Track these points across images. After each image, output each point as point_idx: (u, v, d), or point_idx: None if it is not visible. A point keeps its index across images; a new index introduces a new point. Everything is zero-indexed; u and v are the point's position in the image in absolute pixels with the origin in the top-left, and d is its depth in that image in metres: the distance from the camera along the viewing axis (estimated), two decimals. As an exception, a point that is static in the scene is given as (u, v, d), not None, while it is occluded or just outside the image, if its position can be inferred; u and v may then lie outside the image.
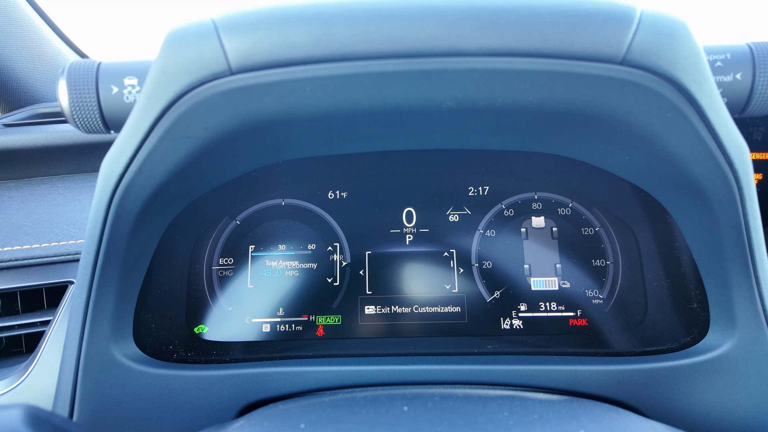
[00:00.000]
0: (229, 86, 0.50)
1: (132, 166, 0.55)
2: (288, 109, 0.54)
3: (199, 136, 0.55)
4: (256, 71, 0.49)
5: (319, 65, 0.48)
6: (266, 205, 0.93)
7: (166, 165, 0.57)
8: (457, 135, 0.68)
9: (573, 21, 0.48)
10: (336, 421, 0.45)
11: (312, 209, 0.92)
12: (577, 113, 0.56)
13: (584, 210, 0.91)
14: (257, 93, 0.51)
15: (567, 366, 0.78)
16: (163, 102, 0.51)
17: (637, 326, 0.86)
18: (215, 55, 0.48)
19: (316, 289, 0.89)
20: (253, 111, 0.53)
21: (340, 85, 0.50)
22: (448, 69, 0.49)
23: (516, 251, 0.89)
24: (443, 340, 0.86)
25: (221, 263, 0.90)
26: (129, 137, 0.54)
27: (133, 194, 0.58)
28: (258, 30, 0.48)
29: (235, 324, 0.88)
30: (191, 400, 0.75)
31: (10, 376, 0.71)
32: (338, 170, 0.93)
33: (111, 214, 0.59)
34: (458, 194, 0.91)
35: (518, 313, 0.87)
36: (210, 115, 0.53)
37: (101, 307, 0.67)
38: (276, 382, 0.78)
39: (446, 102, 0.53)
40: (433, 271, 0.89)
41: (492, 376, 0.79)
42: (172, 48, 0.50)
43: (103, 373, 0.70)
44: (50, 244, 0.81)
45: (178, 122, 0.52)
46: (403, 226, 0.90)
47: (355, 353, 0.84)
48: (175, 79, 0.50)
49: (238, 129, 0.56)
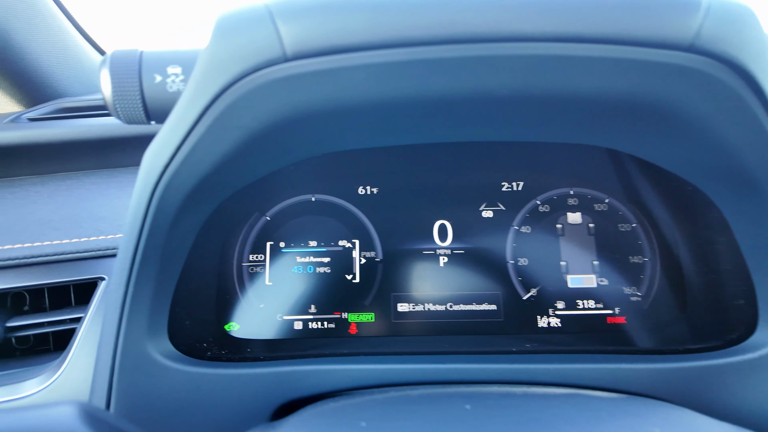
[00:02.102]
0: (281, 74, 0.48)
1: (177, 158, 0.54)
2: (338, 98, 0.52)
3: (247, 126, 0.53)
4: (311, 58, 0.47)
5: (375, 51, 0.47)
6: (296, 200, 0.91)
7: (212, 156, 0.55)
8: (500, 126, 0.66)
9: (640, 6, 0.47)
10: (398, 418, 0.43)
11: (342, 205, 0.91)
12: (633, 102, 0.54)
13: (621, 206, 0.89)
14: (309, 81, 0.49)
15: (609, 364, 0.77)
16: (213, 90, 0.49)
17: (677, 323, 0.84)
18: (270, 41, 0.47)
19: (347, 286, 0.88)
20: (303, 100, 0.52)
21: (394, 72, 0.49)
22: (507, 55, 0.47)
23: (552, 248, 0.87)
24: (479, 339, 0.84)
25: (251, 259, 0.88)
26: (175, 127, 0.52)
27: (176, 186, 0.57)
28: (316, 15, 0.46)
29: (266, 321, 0.86)
30: (226, 399, 0.73)
31: (42, 374, 0.70)
32: (368, 165, 0.92)
33: (152, 207, 0.58)
34: (491, 190, 0.89)
35: (555, 310, 0.85)
36: (259, 105, 0.51)
37: (138, 304, 0.66)
38: (312, 380, 0.77)
39: (500, 90, 0.52)
40: (467, 268, 0.87)
41: (532, 375, 0.78)
42: (224, 34, 0.48)
43: (139, 371, 0.68)
44: (80, 240, 0.79)
45: (226, 112, 0.51)
46: (436, 222, 0.89)
47: (390, 351, 0.82)
48: (227, 66, 0.48)
49: (285, 119, 0.54)
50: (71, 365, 0.70)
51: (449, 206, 0.89)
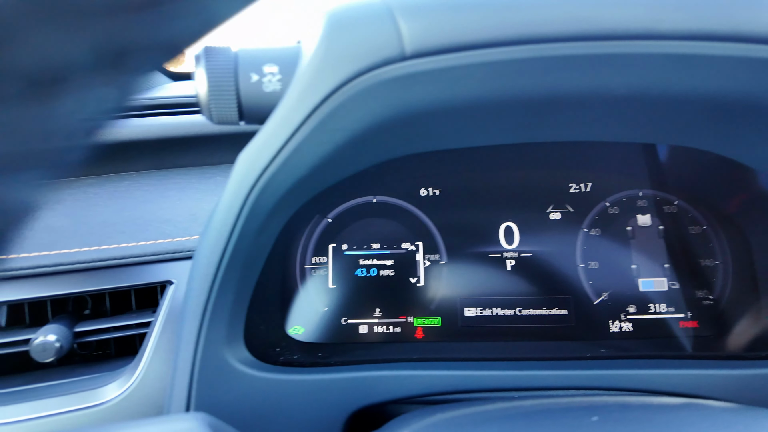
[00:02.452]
0: (397, 73, 0.46)
1: (277, 160, 0.52)
2: (449, 98, 0.50)
3: (349, 128, 0.51)
4: (431, 56, 0.45)
5: (500, 49, 0.45)
6: (357, 202, 0.89)
7: (311, 159, 0.53)
8: (594, 125, 0.64)
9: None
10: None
11: (404, 206, 0.89)
12: (752, 102, 0.52)
13: (691, 207, 0.87)
14: (424, 80, 0.47)
15: (689, 370, 0.75)
16: (324, 90, 0.47)
17: (752, 328, 0.82)
18: (389, 39, 0.45)
19: (412, 290, 0.86)
20: (413, 100, 0.50)
21: (514, 70, 0.47)
22: (638, 53, 0.45)
23: (622, 251, 0.85)
24: (550, 345, 0.82)
25: (314, 262, 0.87)
26: (278, 128, 0.50)
27: (271, 190, 0.55)
28: (441, 11, 0.44)
29: (330, 325, 0.84)
30: (301, 406, 0.71)
31: (117, 380, 0.68)
32: (430, 166, 0.90)
33: (245, 211, 0.56)
34: (559, 191, 0.87)
35: (627, 315, 0.83)
36: (367, 106, 0.49)
37: (219, 310, 0.64)
38: (385, 386, 0.75)
39: (619, 89, 0.50)
40: (536, 271, 0.85)
41: (608, 382, 0.76)
42: (339, 32, 0.46)
43: (218, 378, 0.67)
44: (146, 243, 0.77)
45: (333, 113, 0.49)
46: (501, 224, 0.87)
47: (461, 357, 0.81)
48: (340, 65, 0.46)
49: (390, 120, 0.52)
50: (146, 371, 0.68)
51: (515, 208, 0.87)
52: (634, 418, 0.45)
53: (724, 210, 0.86)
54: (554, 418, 0.44)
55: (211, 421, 0.40)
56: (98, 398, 0.64)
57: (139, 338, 0.79)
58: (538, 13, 0.44)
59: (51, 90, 0.15)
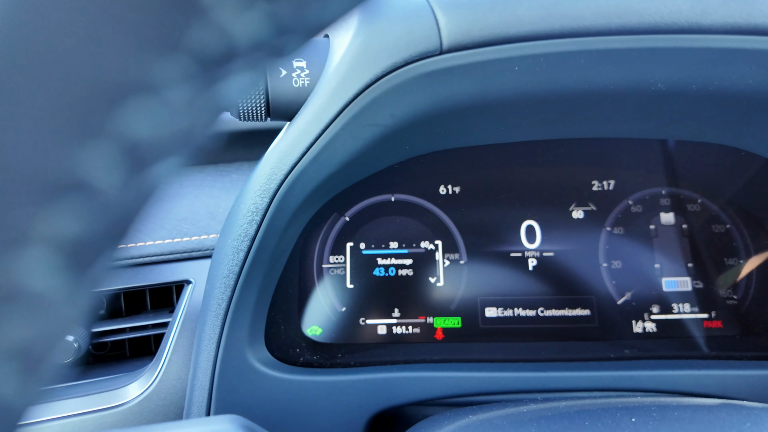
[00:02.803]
0: (434, 67, 0.45)
1: (307, 156, 0.51)
2: (484, 92, 0.49)
3: (383, 124, 0.50)
4: (469, 50, 0.44)
5: (539, 42, 0.44)
6: (375, 200, 0.88)
7: (341, 156, 0.52)
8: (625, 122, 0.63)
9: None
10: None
11: (423, 205, 0.88)
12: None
13: (714, 206, 0.86)
14: (460, 75, 0.46)
15: (715, 371, 0.74)
16: (359, 84, 0.46)
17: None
18: (428, 32, 0.44)
19: (431, 290, 0.85)
20: (447, 95, 0.49)
21: (554, 63, 0.46)
22: (682, 47, 0.44)
23: (646, 250, 0.84)
24: (573, 345, 0.81)
25: (331, 261, 0.85)
26: (309, 123, 0.49)
27: (300, 187, 0.54)
28: (481, 4, 0.43)
29: (349, 325, 0.83)
30: (322, 407, 0.70)
31: (136, 381, 0.67)
32: (449, 164, 0.88)
33: (272, 208, 0.55)
34: (581, 189, 0.86)
35: (650, 315, 0.82)
36: (402, 101, 0.48)
37: (242, 310, 0.63)
38: (406, 388, 0.74)
39: (658, 84, 0.49)
40: (558, 271, 0.84)
41: (634, 383, 0.75)
42: (375, 24, 0.45)
43: (239, 378, 0.66)
44: (164, 242, 0.76)
45: (367, 108, 0.48)
46: (523, 223, 0.86)
47: (482, 359, 0.79)
48: (377, 58, 0.45)
49: (424, 116, 0.51)
50: (165, 372, 0.67)
51: (536, 206, 0.86)
52: (673, 418, 0.44)
53: (748, 209, 0.85)
54: (592, 420, 0.43)
55: (243, 422, 0.39)
56: (120, 399, 0.63)
57: (155, 338, 0.78)
58: (579, 6, 0.42)
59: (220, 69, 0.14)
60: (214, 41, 0.13)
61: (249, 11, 0.13)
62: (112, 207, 0.13)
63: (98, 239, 0.13)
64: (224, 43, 0.13)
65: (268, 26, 0.14)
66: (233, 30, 0.13)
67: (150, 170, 0.14)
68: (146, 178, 0.14)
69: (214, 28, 0.13)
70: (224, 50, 0.13)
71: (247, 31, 0.13)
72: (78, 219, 0.13)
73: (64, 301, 0.13)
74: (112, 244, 0.14)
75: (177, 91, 0.13)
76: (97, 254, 0.14)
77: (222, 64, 0.14)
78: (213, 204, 0.84)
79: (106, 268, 0.14)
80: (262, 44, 0.14)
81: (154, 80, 0.13)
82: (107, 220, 0.13)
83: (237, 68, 0.14)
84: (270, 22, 0.14)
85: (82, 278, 0.13)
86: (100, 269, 0.14)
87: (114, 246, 0.14)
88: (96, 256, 0.14)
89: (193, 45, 0.13)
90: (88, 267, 0.13)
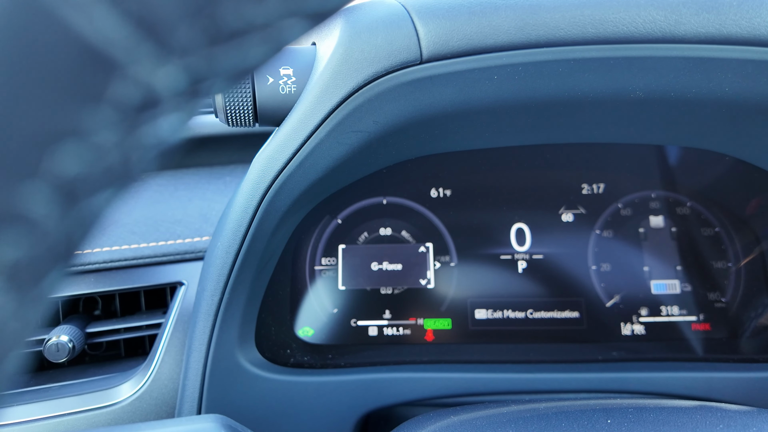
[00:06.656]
0: (414, 76, 0.46)
1: (293, 162, 0.52)
2: (465, 100, 0.50)
3: (366, 130, 0.51)
4: (448, 59, 0.45)
5: (518, 51, 0.45)
6: (367, 203, 0.89)
7: (326, 161, 0.53)
8: (609, 127, 0.64)
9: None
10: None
11: (414, 207, 0.89)
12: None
13: (703, 209, 0.87)
14: (441, 83, 0.47)
15: (701, 373, 0.75)
16: (342, 93, 0.47)
17: (765, 330, 0.81)
18: (407, 42, 0.45)
19: (422, 292, 0.86)
20: (429, 103, 0.50)
21: (532, 72, 0.47)
22: (657, 56, 0.45)
23: (635, 253, 0.85)
24: (562, 347, 0.82)
25: (323, 263, 0.86)
26: (295, 129, 0.50)
27: (287, 191, 0.55)
28: (459, 15, 0.44)
29: (340, 327, 0.84)
30: (312, 407, 0.72)
31: (129, 381, 0.68)
32: (440, 167, 0.89)
33: (260, 212, 0.56)
34: (571, 192, 0.87)
35: (639, 317, 0.83)
36: (384, 108, 0.49)
37: (232, 311, 0.64)
38: (395, 389, 0.75)
39: (637, 91, 0.50)
40: (547, 273, 0.85)
41: (622, 385, 0.76)
42: (357, 34, 0.46)
43: (229, 379, 0.67)
44: (158, 244, 0.78)
45: (350, 115, 0.49)
46: (513, 225, 0.86)
47: (472, 360, 0.80)
48: (359, 67, 0.46)
49: (406, 122, 0.52)
50: (158, 372, 0.68)
51: (526, 209, 0.87)
52: (649, 420, 0.45)
53: (737, 212, 0.85)
54: (569, 421, 0.44)
55: (226, 422, 0.40)
56: (112, 398, 0.65)
57: (149, 339, 0.79)
58: (555, 16, 0.43)
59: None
60: (133, 93, 0.14)
61: (164, 66, 0.14)
62: (51, 235, 0.14)
63: (39, 263, 0.15)
64: (144, 93, 0.14)
65: (185, 77, 0.15)
66: (152, 82, 0.14)
67: (86, 202, 0.15)
68: (83, 209, 0.15)
69: (132, 82, 0.14)
70: (145, 99, 0.15)
71: (165, 82, 0.15)
72: (16, 247, 0.14)
73: (9, 318, 0.14)
74: (55, 266, 0.15)
75: (103, 135, 0.14)
76: (40, 276, 0.15)
77: (145, 111, 0.15)
78: (206, 207, 0.85)
79: (52, 286, 0.15)
80: (183, 91, 0.15)
81: (80, 128, 0.14)
82: (46, 246, 0.14)
83: (162, 111, 0.15)
84: (186, 73, 0.15)
85: (24, 298, 0.14)
86: (44, 288, 0.15)
87: (58, 267, 0.15)
88: (38, 278, 0.15)
89: (114, 97, 0.14)
90: (30, 288, 0.14)
